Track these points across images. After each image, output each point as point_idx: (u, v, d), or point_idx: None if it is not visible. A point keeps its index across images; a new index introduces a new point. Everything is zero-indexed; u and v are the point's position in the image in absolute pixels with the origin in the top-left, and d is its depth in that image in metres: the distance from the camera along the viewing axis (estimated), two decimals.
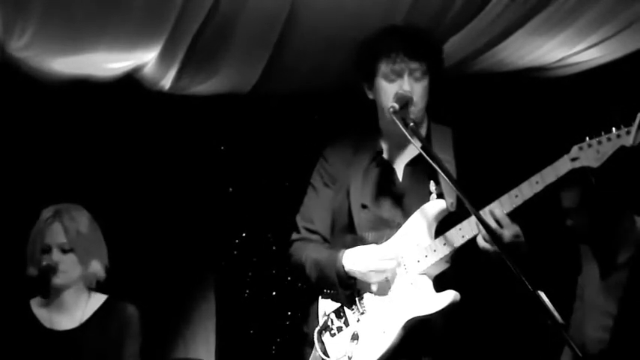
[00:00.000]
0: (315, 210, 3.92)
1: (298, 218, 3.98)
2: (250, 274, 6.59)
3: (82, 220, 4.23)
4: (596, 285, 4.71)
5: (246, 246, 6.64)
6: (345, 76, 5.43)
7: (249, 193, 6.57)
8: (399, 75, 3.70)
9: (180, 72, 5.43)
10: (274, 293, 6.60)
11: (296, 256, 3.91)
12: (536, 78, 6.05)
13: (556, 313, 3.06)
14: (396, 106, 3.54)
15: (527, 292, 3.02)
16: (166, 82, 5.59)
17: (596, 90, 5.98)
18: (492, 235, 3.27)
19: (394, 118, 3.54)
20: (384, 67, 3.74)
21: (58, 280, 4.12)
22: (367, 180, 3.81)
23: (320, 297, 3.85)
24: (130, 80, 5.61)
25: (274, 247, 6.51)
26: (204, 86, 5.71)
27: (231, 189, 6.59)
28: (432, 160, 3.37)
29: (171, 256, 6.29)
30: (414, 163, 3.74)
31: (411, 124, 3.48)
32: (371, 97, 3.88)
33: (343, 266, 3.66)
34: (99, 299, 4.25)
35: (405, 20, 4.90)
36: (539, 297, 3.03)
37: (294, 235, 3.97)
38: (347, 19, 4.94)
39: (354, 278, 3.68)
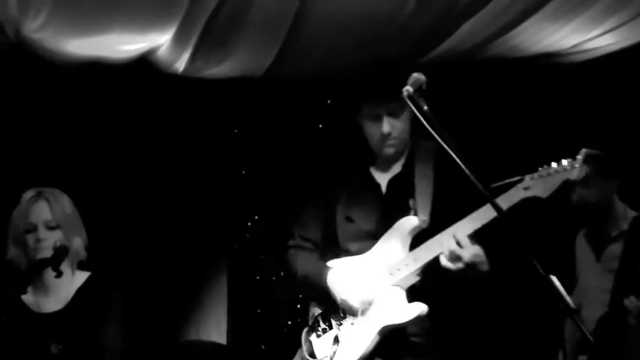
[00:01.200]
0: (309, 220, 4.12)
1: (295, 226, 4.18)
2: (262, 256, 6.61)
3: (64, 201, 4.15)
4: (591, 268, 4.91)
5: (259, 228, 6.67)
6: (357, 61, 5.45)
7: (261, 176, 6.60)
8: (379, 116, 3.85)
9: (194, 54, 5.45)
10: (282, 273, 6.61)
11: (290, 262, 4.12)
12: (550, 64, 6.05)
13: (568, 298, 3.06)
14: (410, 89, 3.49)
15: (539, 278, 3.02)
16: (180, 65, 5.61)
17: (609, 77, 5.96)
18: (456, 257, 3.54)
19: (407, 101, 3.50)
20: (365, 110, 3.91)
21: (42, 256, 3.96)
22: (353, 195, 3.99)
23: (311, 304, 4.07)
24: (144, 62, 5.62)
25: (285, 230, 6.52)
26: (218, 69, 5.72)
27: (244, 172, 6.60)
28: (447, 147, 3.36)
29: (184, 239, 6.31)
30: (397, 179, 3.92)
31: (426, 107, 3.45)
32: (360, 125, 4.03)
33: (327, 285, 3.85)
34: (82, 277, 4.14)
35: (417, 7, 4.91)
36: (551, 281, 3.03)
37: (290, 242, 4.17)
38: (360, 4, 4.93)
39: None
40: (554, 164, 3.52)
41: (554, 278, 3.04)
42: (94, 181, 5.32)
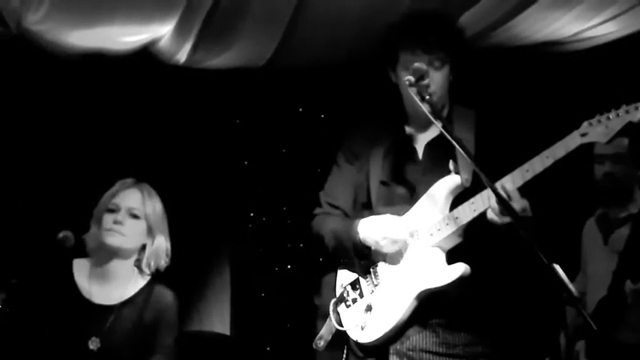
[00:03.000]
0: (338, 186, 3.90)
1: (321, 194, 3.96)
2: (264, 247, 6.62)
3: (157, 201, 4.09)
4: (598, 252, 4.92)
5: (261, 219, 6.67)
6: (357, 50, 5.45)
7: (264, 167, 6.59)
8: (419, 68, 3.57)
9: (195, 45, 5.45)
10: (289, 267, 6.63)
11: (316, 228, 3.89)
12: (551, 52, 6.04)
13: (571, 286, 3.07)
14: (412, 79, 3.49)
15: (542, 265, 3.02)
16: (182, 56, 5.60)
17: (610, 64, 5.96)
18: (505, 206, 3.26)
19: (409, 91, 3.51)
20: (402, 58, 3.71)
21: (114, 239, 3.92)
22: (388, 158, 3.79)
23: (338, 268, 3.86)
24: (146, 53, 5.62)
25: (289, 221, 6.52)
26: (220, 60, 5.72)
27: (246, 162, 6.60)
28: (448, 134, 3.35)
29: (186, 230, 6.29)
30: (435, 143, 3.72)
31: (427, 97, 3.45)
32: (394, 80, 3.84)
33: (358, 234, 3.66)
34: (143, 280, 4.06)
35: None
36: (554, 270, 3.03)
37: (317, 210, 3.95)
38: None
39: (369, 248, 3.68)
40: (612, 110, 3.34)
41: (557, 267, 3.04)
42: (94, 175, 5.30)
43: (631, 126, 3.31)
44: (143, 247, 4.07)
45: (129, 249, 3.99)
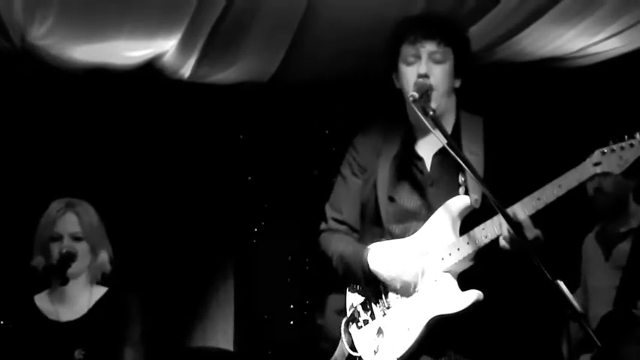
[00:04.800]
0: (344, 200, 3.83)
1: (327, 208, 3.90)
2: (269, 263, 6.63)
3: (92, 214, 4.24)
4: (600, 268, 4.90)
5: (265, 235, 6.67)
6: (363, 64, 5.45)
7: (267, 182, 6.59)
8: (418, 57, 3.62)
9: (200, 60, 5.47)
10: (289, 279, 6.63)
11: (323, 248, 3.84)
12: (556, 68, 6.03)
13: (575, 302, 3.06)
14: (416, 95, 3.46)
15: (547, 283, 3.02)
16: (186, 71, 5.61)
17: (616, 80, 5.96)
18: (519, 236, 3.25)
19: (414, 107, 3.50)
20: (404, 51, 3.66)
21: (73, 267, 4.09)
22: (395, 171, 3.71)
23: (347, 289, 3.79)
24: (150, 68, 5.63)
25: (292, 236, 6.53)
26: (224, 75, 5.73)
27: (250, 177, 6.61)
28: (455, 154, 3.33)
29: (191, 245, 6.32)
30: (443, 153, 3.58)
31: (431, 112, 3.44)
32: (398, 86, 3.77)
33: (368, 265, 3.61)
34: (100, 291, 4.23)
35: (424, 9, 4.90)
36: (558, 287, 3.03)
37: (323, 225, 3.88)
38: (366, 8, 4.94)
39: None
40: (626, 138, 3.26)
41: (561, 283, 3.04)
42: (99, 190, 5.32)
43: None
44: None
45: (80, 270, 4.17)
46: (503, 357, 3.56)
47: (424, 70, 3.58)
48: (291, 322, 6.53)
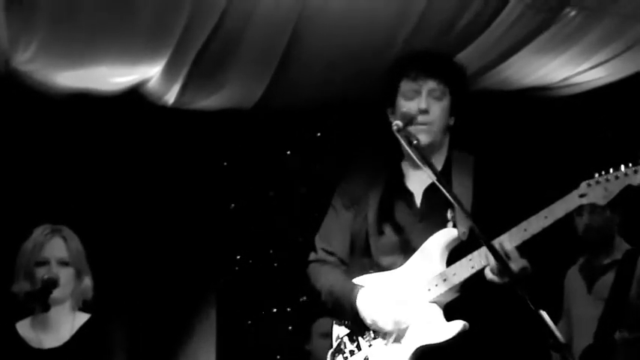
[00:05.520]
0: (334, 231, 3.83)
1: (317, 239, 3.89)
2: (251, 290, 6.62)
3: (76, 241, 4.23)
4: (583, 300, 4.95)
5: (248, 262, 6.69)
6: (347, 93, 5.48)
7: (250, 210, 6.63)
8: (418, 92, 3.65)
9: (184, 87, 5.48)
10: (275, 310, 6.63)
11: (312, 278, 3.84)
12: (540, 97, 6.08)
13: (558, 333, 3.09)
14: (400, 124, 3.47)
15: (531, 313, 3.04)
16: (170, 97, 5.63)
17: (600, 109, 6.00)
18: (504, 267, 3.27)
19: (398, 136, 3.52)
20: (403, 86, 3.69)
21: (56, 293, 4.05)
22: (385, 204, 3.74)
23: (334, 322, 3.80)
24: (134, 94, 5.63)
25: (275, 264, 6.54)
26: (208, 101, 5.77)
27: (232, 205, 6.62)
28: (442, 186, 3.36)
29: (173, 272, 6.32)
30: (433, 189, 3.59)
31: (415, 142, 3.46)
32: (391, 120, 3.70)
33: (357, 307, 3.62)
34: (83, 318, 4.19)
35: (408, 39, 4.94)
36: (542, 317, 3.05)
37: (312, 256, 3.88)
38: (350, 36, 4.97)
39: None
40: (611, 170, 3.34)
41: (544, 313, 3.06)
42: (80, 216, 5.31)
43: (630, 189, 3.31)
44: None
45: (64, 296, 4.13)
46: None
47: (424, 105, 3.62)
48: (275, 350, 6.54)
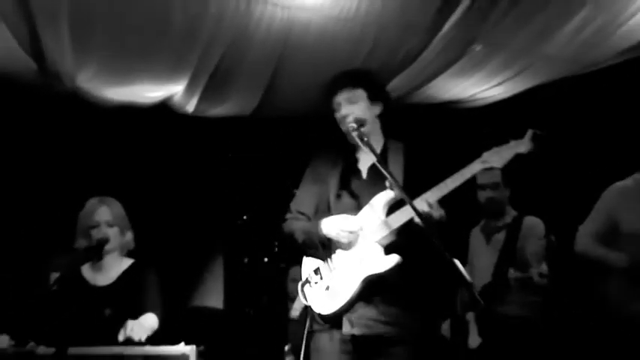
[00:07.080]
0: (305, 198, 3.83)
1: (292, 203, 3.90)
2: (250, 242, 6.71)
3: (119, 207, 4.20)
4: (482, 250, 5.02)
5: (248, 223, 6.76)
6: (322, 104, 5.50)
7: (251, 190, 6.70)
8: (339, 104, 3.68)
9: (200, 99, 5.52)
10: (266, 260, 6.70)
11: (287, 228, 3.83)
12: (454, 109, 6.13)
13: (466, 274, 3.14)
14: (355, 125, 3.59)
15: (445, 259, 3.09)
16: (190, 107, 5.66)
17: (499, 117, 6.05)
18: (422, 218, 3.34)
19: (353, 134, 3.58)
20: (333, 102, 3.73)
21: (108, 246, 4.08)
22: (342, 177, 3.78)
23: (304, 258, 3.79)
24: (164, 105, 5.67)
25: (269, 225, 6.57)
26: (218, 110, 5.77)
27: (235, 196, 6.76)
28: (381, 166, 3.42)
29: (192, 228, 6.41)
30: (375, 167, 3.60)
31: (365, 138, 3.52)
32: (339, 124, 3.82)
33: (322, 229, 3.65)
34: (127, 262, 4.16)
35: (362, 63, 4.96)
36: (454, 263, 3.10)
37: (288, 215, 3.85)
38: (321, 62, 4.95)
39: (330, 239, 3.68)
40: (505, 143, 3.41)
41: (456, 261, 3.12)
42: (122, 191, 5.34)
43: (519, 156, 3.39)
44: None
45: (113, 247, 4.11)
46: (415, 305, 3.60)
47: (344, 112, 3.66)
48: (266, 289, 6.59)
